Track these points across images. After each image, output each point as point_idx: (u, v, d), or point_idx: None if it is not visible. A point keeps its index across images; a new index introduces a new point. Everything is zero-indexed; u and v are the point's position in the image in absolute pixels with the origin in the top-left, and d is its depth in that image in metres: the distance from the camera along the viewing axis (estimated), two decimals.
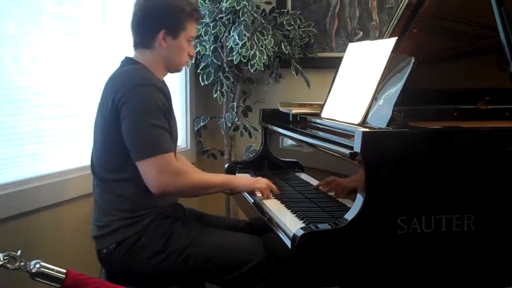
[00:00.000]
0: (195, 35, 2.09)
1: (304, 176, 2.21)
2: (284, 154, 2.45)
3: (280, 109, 2.44)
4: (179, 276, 1.83)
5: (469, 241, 1.54)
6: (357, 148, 1.50)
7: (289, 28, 3.15)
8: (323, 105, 2.15)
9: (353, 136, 1.55)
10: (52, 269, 1.40)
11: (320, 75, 3.16)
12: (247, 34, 2.92)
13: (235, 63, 3.07)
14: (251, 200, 2.02)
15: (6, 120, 2.01)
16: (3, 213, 1.92)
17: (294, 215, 1.75)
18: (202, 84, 3.19)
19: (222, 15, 3.02)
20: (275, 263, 1.82)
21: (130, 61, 1.92)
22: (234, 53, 2.98)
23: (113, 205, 1.84)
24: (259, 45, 2.95)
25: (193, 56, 2.12)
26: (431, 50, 2.21)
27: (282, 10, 3.31)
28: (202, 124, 3.30)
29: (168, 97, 1.85)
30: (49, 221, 2.17)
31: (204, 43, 3.09)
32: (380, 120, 1.67)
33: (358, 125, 1.75)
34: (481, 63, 2.25)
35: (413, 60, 1.66)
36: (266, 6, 3.29)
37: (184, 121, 3.37)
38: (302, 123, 2.25)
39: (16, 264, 1.38)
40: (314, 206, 1.83)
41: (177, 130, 1.98)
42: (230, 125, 3.24)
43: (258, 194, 2.00)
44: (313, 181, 2.09)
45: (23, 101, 2.10)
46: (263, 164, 2.53)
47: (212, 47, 3.09)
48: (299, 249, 1.46)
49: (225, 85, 3.13)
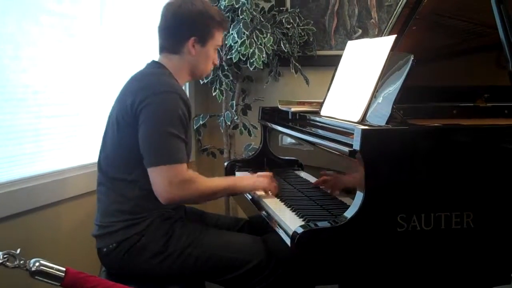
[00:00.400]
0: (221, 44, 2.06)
1: (304, 174, 2.21)
2: (284, 152, 2.45)
3: (280, 107, 2.43)
4: (179, 276, 1.83)
5: (469, 239, 1.54)
6: (357, 146, 1.50)
7: (288, 26, 3.14)
8: (322, 103, 2.14)
9: (353, 134, 1.55)
10: (52, 267, 1.40)
11: (319, 73, 3.16)
12: (246, 32, 2.92)
13: (234, 61, 3.06)
14: (249, 197, 2.02)
15: (5, 119, 2.01)
16: (2, 212, 1.91)
17: (294, 213, 1.75)
18: (201, 83, 3.19)
19: None
20: (275, 263, 1.82)
21: (157, 65, 1.91)
22: (233, 51, 2.97)
23: (115, 206, 1.83)
24: (258, 43, 2.95)
25: (216, 65, 2.08)
26: (430, 48, 2.20)
27: (281, 8, 3.31)
28: (202, 123, 3.29)
29: (189, 107, 1.84)
30: (49, 220, 2.17)
31: None
32: (380, 118, 1.67)
33: (358, 123, 1.75)
34: (480, 61, 2.25)
35: (412, 58, 1.66)
36: (265, 4, 3.29)
37: None
38: (302, 121, 2.24)
39: (16, 263, 1.38)
40: (314, 204, 1.83)
41: (192, 141, 1.95)
42: (230, 124, 3.24)
43: (261, 192, 2.00)
44: (313, 179, 2.08)
45: (22, 100, 2.10)
46: (263, 162, 2.53)
47: None
48: (299, 247, 1.46)
49: (224, 83, 3.13)
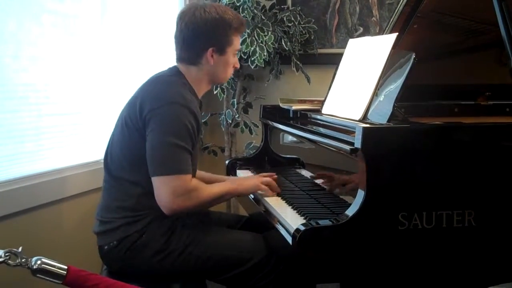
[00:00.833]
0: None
1: (305, 173, 2.21)
2: (285, 151, 2.44)
3: (281, 105, 2.43)
4: (180, 274, 1.83)
5: (470, 237, 1.54)
6: (358, 144, 1.50)
7: (289, 24, 3.14)
8: (324, 101, 2.14)
9: (354, 132, 1.55)
10: (54, 266, 1.40)
11: (321, 71, 3.15)
12: (247, 31, 2.92)
13: None
14: (251, 195, 2.02)
15: (6, 117, 2.01)
16: (4, 210, 1.92)
17: (295, 212, 1.75)
18: None
19: None
20: (276, 261, 1.82)
21: (177, 73, 1.90)
22: None
23: (117, 203, 1.83)
24: (259, 42, 2.94)
25: (238, 68, 2.04)
26: (432, 46, 2.20)
27: (282, 6, 3.30)
28: (203, 121, 3.29)
29: (198, 121, 1.83)
30: (50, 218, 2.17)
31: None
32: (381, 116, 1.67)
33: (359, 121, 1.75)
34: (482, 59, 2.25)
35: (414, 56, 1.66)
36: (266, 2, 3.28)
37: None
38: (303, 119, 2.24)
39: (17, 261, 1.38)
40: (315, 202, 1.83)
41: (197, 153, 1.94)
42: (231, 122, 3.23)
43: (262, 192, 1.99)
44: None
45: (23, 98, 2.10)
46: (264, 161, 2.53)
47: None
48: (300, 245, 1.46)
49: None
